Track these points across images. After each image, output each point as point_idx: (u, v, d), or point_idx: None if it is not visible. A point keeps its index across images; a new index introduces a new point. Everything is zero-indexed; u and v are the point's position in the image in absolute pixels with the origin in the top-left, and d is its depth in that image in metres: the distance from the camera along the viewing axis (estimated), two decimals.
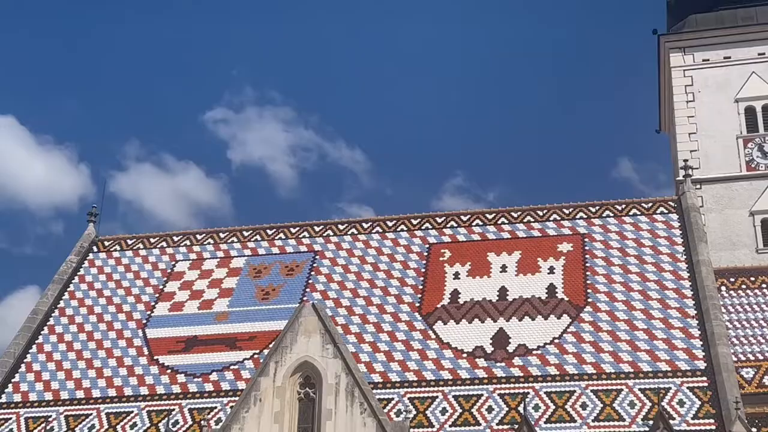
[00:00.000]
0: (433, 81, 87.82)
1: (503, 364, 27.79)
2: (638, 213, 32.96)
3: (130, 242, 36.33)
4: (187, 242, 35.75)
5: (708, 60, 42.07)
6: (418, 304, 30.71)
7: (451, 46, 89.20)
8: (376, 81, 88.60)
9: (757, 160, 39.30)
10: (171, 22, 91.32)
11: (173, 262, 34.87)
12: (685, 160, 36.19)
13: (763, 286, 31.20)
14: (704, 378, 26.16)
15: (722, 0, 43.64)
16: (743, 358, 27.93)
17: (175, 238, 36.12)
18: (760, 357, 28.02)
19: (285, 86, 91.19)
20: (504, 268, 31.57)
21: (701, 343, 27.24)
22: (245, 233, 35.63)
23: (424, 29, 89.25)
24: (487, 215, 34.27)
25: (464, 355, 28.36)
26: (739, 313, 30.06)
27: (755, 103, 40.58)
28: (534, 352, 28.02)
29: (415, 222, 34.54)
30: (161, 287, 33.73)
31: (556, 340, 28.27)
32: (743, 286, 31.30)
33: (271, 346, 27.24)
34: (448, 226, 34.09)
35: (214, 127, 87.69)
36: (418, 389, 27.56)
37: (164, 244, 35.90)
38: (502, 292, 30.50)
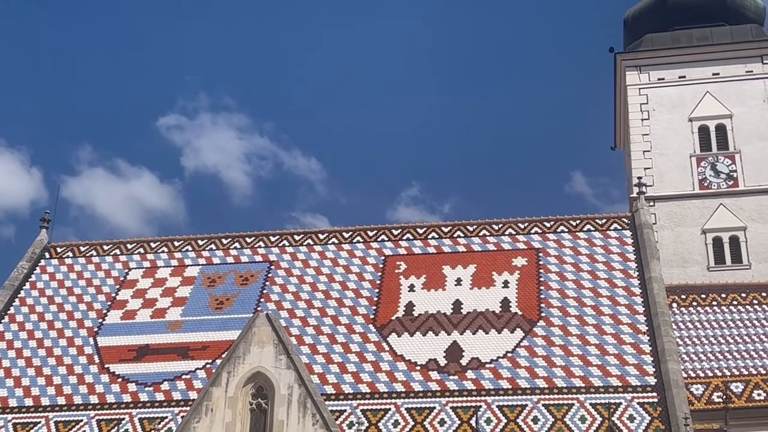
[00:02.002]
0: (389, 91, 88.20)
1: (456, 377, 27.85)
2: (592, 229, 33.23)
3: (82, 249, 35.97)
4: (141, 250, 35.47)
5: (663, 79, 42.62)
6: (372, 316, 30.69)
7: (408, 57, 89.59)
8: (331, 89, 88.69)
9: (710, 179, 39.84)
10: (124, 26, 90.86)
11: (126, 270, 34.57)
12: (639, 178, 36.57)
13: (714, 303, 31.61)
14: (654, 394, 26.39)
15: (678, 20, 44.27)
16: (693, 375, 28.24)
17: (129, 246, 35.81)
18: (710, 374, 28.36)
19: (239, 93, 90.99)
20: (459, 282, 31.68)
21: (652, 359, 27.48)
22: (200, 242, 35.41)
23: (381, 39, 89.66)
24: (443, 228, 34.38)
25: (417, 367, 28.38)
26: (690, 330, 30.42)
27: (709, 123, 41.15)
28: (487, 365, 28.10)
29: (371, 234, 34.55)
30: (113, 295, 33.41)
31: (509, 354, 28.38)
32: (694, 303, 31.69)
33: (223, 356, 27.08)
34: (404, 238, 34.14)
35: (167, 133, 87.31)
36: (371, 401, 27.52)
37: (117, 251, 35.58)
38: (457, 305, 30.58)
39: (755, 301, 31.54)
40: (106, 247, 35.92)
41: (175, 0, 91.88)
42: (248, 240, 35.13)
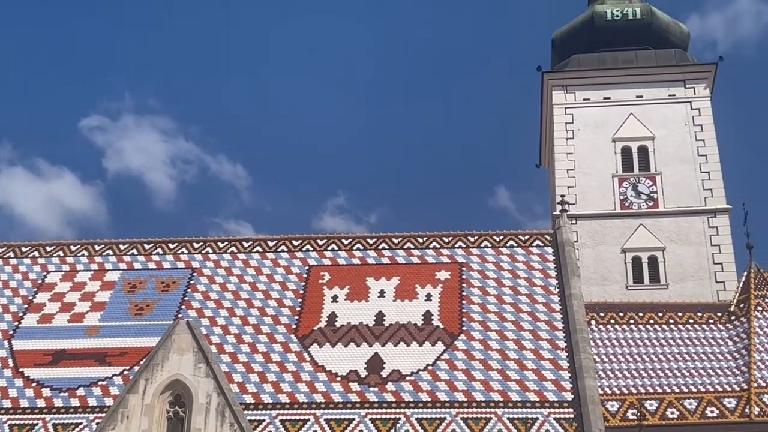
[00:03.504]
0: (318, 99, 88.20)
1: (376, 388, 27.88)
2: (515, 245, 33.56)
3: (0, 250, 35.22)
4: (60, 253, 34.84)
5: (588, 99, 43.33)
6: (294, 326, 30.59)
7: (338, 67, 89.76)
8: (259, 94, 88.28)
9: (631, 199, 40.58)
10: (47, 22, 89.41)
11: (45, 273, 33.91)
12: (562, 196, 37.03)
13: (631, 322, 32.18)
14: (571, 409, 26.70)
15: (605, 42, 45.10)
16: (609, 392, 28.71)
17: (48, 249, 35.14)
18: (625, 391, 28.87)
19: (165, 95, 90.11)
20: (382, 293, 31.73)
21: (569, 375, 27.82)
22: (121, 246, 34.93)
23: (311, 47, 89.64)
24: (368, 240, 34.43)
25: (338, 378, 28.35)
26: (607, 348, 30.92)
27: (631, 144, 41.93)
28: (407, 377, 28.19)
29: (296, 243, 34.44)
30: (30, 298, 32.73)
31: (430, 367, 28.51)
32: (612, 321, 32.21)
33: (142, 362, 26.75)
34: (329, 248, 34.09)
35: (89, 134, 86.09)
36: (290, 411, 27.38)
37: (36, 253, 34.87)
38: (379, 316, 30.63)
39: (671, 321, 32.20)
40: (24, 249, 35.19)
41: None
42: (171, 246, 34.75)
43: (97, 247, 35.00)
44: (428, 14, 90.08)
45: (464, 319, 30.27)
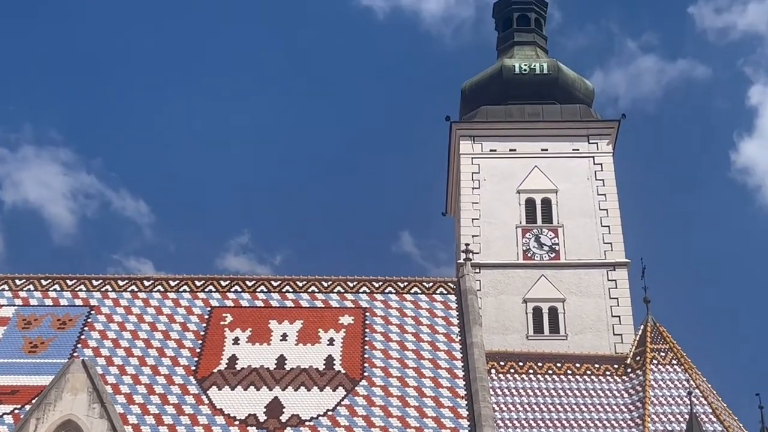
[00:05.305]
0: (224, 136, 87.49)
1: None
2: (419, 291, 33.77)
3: None
4: None
5: (495, 150, 43.93)
6: (193, 368, 30.14)
7: (247, 105, 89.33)
8: (164, 129, 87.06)
9: (533, 250, 41.14)
10: None
11: None
12: (467, 244, 37.41)
13: (531, 371, 32.52)
14: None
15: (512, 95, 45.87)
16: None
17: None
18: None
19: (66, 126, 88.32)
20: (284, 337, 31.54)
21: (468, 423, 27.96)
22: (17, 281, 34.03)
23: (217, 85, 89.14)
24: (273, 282, 34.26)
25: (236, 422, 27.97)
26: (507, 397, 31.17)
27: (535, 196, 42.59)
28: (307, 423, 27.98)
29: (198, 283, 34.06)
30: None
31: (330, 413, 28.35)
32: (512, 371, 32.51)
33: (34, 401, 26.02)
34: (233, 290, 33.80)
35: None
36: None
37: None
38: (281, 360, 30.41)
39: (569, 372, 32.64)
40: None
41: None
42: (69, 282, 34.02)
43: None
44: (336, 56, 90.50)
45: (366, 365, 30.24)
